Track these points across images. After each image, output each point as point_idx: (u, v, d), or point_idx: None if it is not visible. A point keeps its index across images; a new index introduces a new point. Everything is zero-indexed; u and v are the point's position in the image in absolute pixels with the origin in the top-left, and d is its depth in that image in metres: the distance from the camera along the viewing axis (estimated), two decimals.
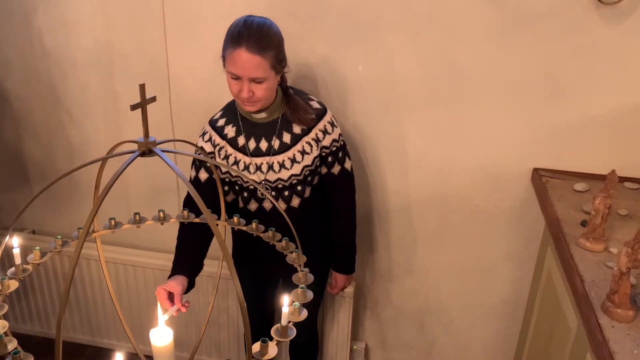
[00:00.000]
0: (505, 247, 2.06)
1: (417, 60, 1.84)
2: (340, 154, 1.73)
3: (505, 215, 2.01)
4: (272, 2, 1.83)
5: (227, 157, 1.68)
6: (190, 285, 1.60)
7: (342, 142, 1.73)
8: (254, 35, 1.46)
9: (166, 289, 1.50)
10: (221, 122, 1.69)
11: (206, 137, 1.70)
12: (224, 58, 1.53)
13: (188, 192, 1.67)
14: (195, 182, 1.70)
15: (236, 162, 1.67)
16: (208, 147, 1.69)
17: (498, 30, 1.75)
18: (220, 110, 1.72)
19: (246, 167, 1.67)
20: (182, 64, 2.02)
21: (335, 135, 1.70)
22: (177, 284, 1.53)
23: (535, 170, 1.89)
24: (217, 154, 1.69)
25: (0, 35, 2.11)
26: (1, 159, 2.35)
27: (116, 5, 1.98)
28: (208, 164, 1.68)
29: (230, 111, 1.69)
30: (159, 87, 2.05)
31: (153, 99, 0.88)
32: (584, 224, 1.57)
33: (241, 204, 1.74)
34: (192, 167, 1.72)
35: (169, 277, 1.60)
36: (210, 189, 1.54)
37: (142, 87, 0.83)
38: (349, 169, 1.77)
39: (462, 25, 1.77)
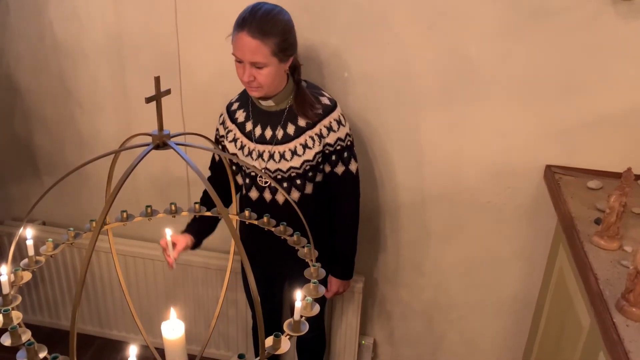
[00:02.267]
0: (516, 243, 2.05)
1: (430, 55, 1.83)
2: (345, 154, 1.70)
3: (517, 211, 1.99)
4: None
5: (234, 140, 1.72)
6: (196, 244, 1.77)
7: (348, 142, 1.70)
8: (257, 20, 1.49)
9: (171, 240, 1.62)
10: (235, 106, 1.74)
11: (220, 119, 1.77)
12: (232, 41, 1.55)
13: (210, 171, 1.83)
14: (212, 161, 1.84)
15: (242, 147, 1.70)
16: (221, 130, 1.77)
17: (512, 25, 1.73)
18: (237, 95, 1.77)
19: (250, 153, 1.69)
20: (194, 56, 2.01)
21: (341, 134, 1.68)
22: (182, 239, 1.71)
23: (548, 167, 1.87)
24: (225, 136, 1.74)
25: (11, 28, 2.12)
26: (12, 150, 2.36)
27: None
28: (222, 145, 1.77)
29: (245, 97, 1.73)
30: (170, 79, 2.04)
31: (168, 92, 0.87)
32: (597, 221, 1.56)
33: (244, 191, 1.76)
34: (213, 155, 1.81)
35: (182, 232, 1.76)
36: (225, 169, 1.59)
37: (157, 80, 0.83)
38: (354, 172, 1.74)
39: (475, 20, 1.75)
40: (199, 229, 1.76)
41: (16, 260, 0.95)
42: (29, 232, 0.99)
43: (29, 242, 0.99)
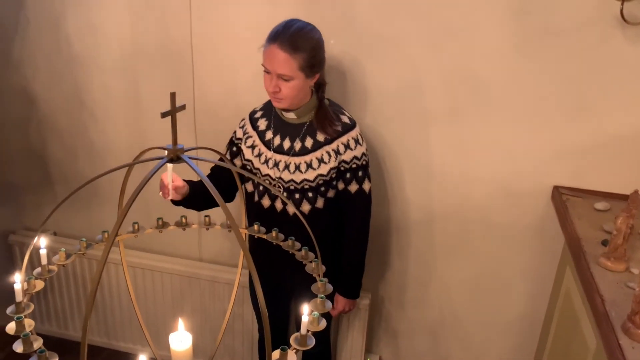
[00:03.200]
0: (523, 263, 2.05)
1: (439, 73, 1.85)
2: (359, 173, 1.73)
3: (524, 231, 1.99)
4: (296, 13, 1.85)
5: (253, 146, 1.76)
6: (186, 197, 1.68)
7: (364, 162, 1.73)
8: (289, 35, 1.56)
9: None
10: (258, 114, 1.79)
11: (241, 123, 1.82)
12: (263, 53, 1.61)
13: (211, 170, 1.80)
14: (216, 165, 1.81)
15: (259, 154, 1.74)
16: (239, 133, 1.80)
17: (520, 44, 1.75)
18: (262, 104, 1.81)
19: (266, 161, 1.73)
20: (207, 73, 2.05)
21: (357, 153, 1.71)
22: (182, 181, 1.66)
23: (556, 187, 1.87)
24: (244, 141, 1.78)
25: (29, 40, 2.16)
26: (26, 160, 2.40)
27: (143, 12, 2.01)
28: (236, 148, 1.80)
29: (269, 107, 1.78)
30: (183, 94, 2.07)
31: (183, 107, 0.89)
32: (604, 243, 1.56)
33: (256, 198, 1.78)
34: (226, 150, 1.83)
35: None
36: (224, 172, 1.71)
37: (173, 96, 0.85)
38: (367, 191, 1.76)
39: (483, 39, 1.78)
40: (198, 188, 1.71)
41: (27, 269, 0.97)
42: (42, 242, 1.01)
43: (43, 252, 1.01)
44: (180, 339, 1.08)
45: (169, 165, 1.24)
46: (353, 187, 1.74)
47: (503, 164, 1.92)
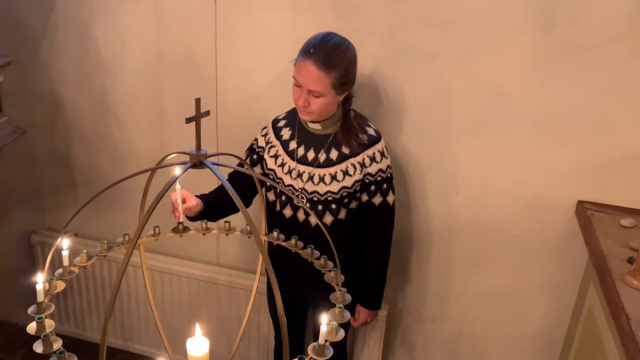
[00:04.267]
0: (544, 278, 2.01)
1: (464, 86, 1.84)
2: (384, 186, 1.72)
3: (546, 246, 1.96)
4: (318, 22, 1.85)
5: (276, 156, 1.74)
6: (202, 213, 1.67)
7: (389, 175, 1.72)
8: (325, 52, 1.53)
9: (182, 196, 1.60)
10: (281, 124, 1.77)
11: (264, 131, 1.79)
12: (295, 64, 1.59)
13: (229, 176, 1.80)
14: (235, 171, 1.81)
15: (282, 164, 1.73)
16: (261, 141, 1.78)
17: (546, 59, 1.73)
18: (285, 112, 1.79)
19: (289, 171, 1.72)
20: (230, 79, 2.06)
21: (382, 165, 1.70)
22: (193, 198, 1.65)
23: (580, 202, 1.84)
24: (267, 150, 1.76)
25: (58, 44, 2.20)
26: (51, 162, 2.43)
27: (169, 19, 2.04)
28: (257, 156, 1.79)
29: (293, 116, 1.76)
30: (206, 100, 2.08)
31: (207, 113, 0.90)
32: (630, 260, 1.52)
33: (278, 207, 1.77)
34: (245, 155, 1.82)
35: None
36: (244, 178, 1.70)
37: (198, 101, 0.86)
38: (391, 204, 1.75)
39: (509, 53, 1.76)
40: (212, 200, 1.71)
41: (48, 269, 0.97)
42: (65, 243, 1.02)
43: (65, 253, 1.02)
44: (198, 344, 1.09)
45: (178, 187, 1.24)
46: (377, 200, 1.73)
47: (527, 178, 1.89)
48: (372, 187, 1.71)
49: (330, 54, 1.53)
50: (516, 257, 2.01)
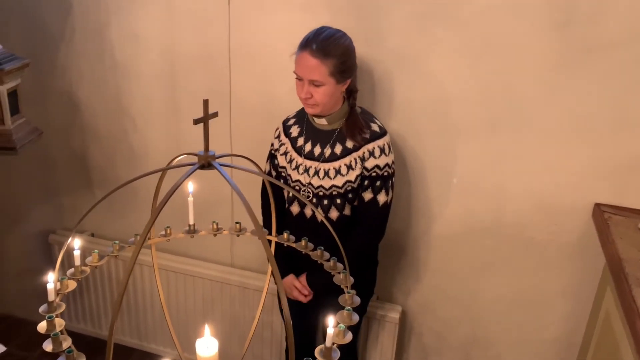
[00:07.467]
0: (560, 282, 1.98)
1: (477, 86, 1.82)
2: (377, 183, 1.70)
3: (562, 249, 1.93)
4: (333, 23, 1.85)
5: (285, 153, 1.80)
6: (292, 270, 1.87)
7: (385, 173, 1.70)
8: (319, 42, 1.59)
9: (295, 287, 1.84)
10: (291, 122, 1.83)
11: (276, 133, 1.86)
12: (295, 60, 1.64)
13: (262, 184, 1.84)
14: (268, 174, 1.89)
15: (290, 160, 1.78)
16: (276, 143, 1.85)
17: (563, 59, 1.70)
18: (295, 112, 1.84)
19: (297, 167, 1.76)
20: (244, 82, 2.07)
21: (380, 162, 1.69)
22: (293, 280, 1.85)
23: (597, 205, 1.81)
24: (278, 149, 1.83)
25: (75, 47, 2.24)
26: (68, 163, 2.47)
27: (183, 21, 2.06)
28: (276, 160, 1.84)
29: (302, 114, 1.81)
30: (220, 102, 2.10)
31: (215, 115, 0.90)
32: None
33: (286, 205, 1.82)
34: (267, 161, 1.88)
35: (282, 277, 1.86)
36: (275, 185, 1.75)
37: (206, 103, 0.86)
38: (380, 203, 1.72)
39: (523, 52, 1.74)
40: (284, 252, 1.60)
41: (62, 269, 0.99)
42: (76, 243, 1.03)
43: (76, 252, 1.03)
44: (207, 344, 1.09)
45: (190, 199, 1.22)
46: (367, 196, 1.72)
47: (542, 180, 1.86)
48: (366, 182, 1.71)
49: (325, 42, 1.59)
50: (530, 260, 1.98)
